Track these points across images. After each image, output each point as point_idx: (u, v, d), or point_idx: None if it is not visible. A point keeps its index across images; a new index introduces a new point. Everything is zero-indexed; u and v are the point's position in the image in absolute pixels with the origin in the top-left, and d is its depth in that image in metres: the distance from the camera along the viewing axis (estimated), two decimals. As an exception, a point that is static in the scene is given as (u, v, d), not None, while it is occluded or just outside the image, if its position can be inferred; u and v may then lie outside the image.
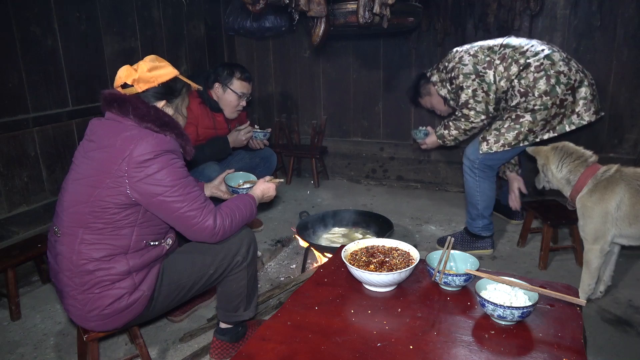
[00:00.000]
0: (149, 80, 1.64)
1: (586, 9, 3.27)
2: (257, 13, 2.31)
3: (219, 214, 1.66)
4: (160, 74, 1.66)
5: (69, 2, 2.92)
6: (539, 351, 1.18)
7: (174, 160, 1.57)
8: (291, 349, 1.21)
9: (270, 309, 2.31)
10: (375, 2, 2.28)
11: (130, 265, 1.58)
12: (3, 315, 2.41)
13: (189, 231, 1.63)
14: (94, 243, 1.55)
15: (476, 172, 2.76)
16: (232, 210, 1.73)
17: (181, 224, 1.60)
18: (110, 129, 1.58)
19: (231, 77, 2.81)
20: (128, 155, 1.49)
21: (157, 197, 1.53)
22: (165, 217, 1.60)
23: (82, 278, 1.56)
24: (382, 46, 3.98)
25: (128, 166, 1.49)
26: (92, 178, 1.54)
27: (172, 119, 1.65)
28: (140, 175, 1.50)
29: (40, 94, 2.81)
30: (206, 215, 1.61)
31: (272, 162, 3.21)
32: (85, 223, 1.54)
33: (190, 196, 1.57)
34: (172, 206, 1.55)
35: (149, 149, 1.50)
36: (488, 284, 1.40)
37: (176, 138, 1.63)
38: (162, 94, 1.68)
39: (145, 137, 1.52)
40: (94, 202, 1.52)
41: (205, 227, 1.61)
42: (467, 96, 2.70)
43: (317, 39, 2.38)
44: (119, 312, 1.59)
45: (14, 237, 2.70)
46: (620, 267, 2.62)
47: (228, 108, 2.87)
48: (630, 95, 3.28)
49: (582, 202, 2.18)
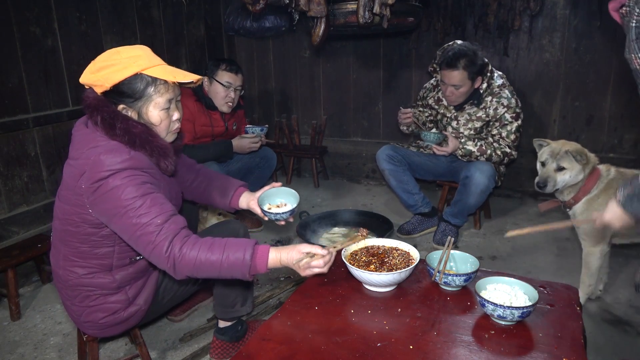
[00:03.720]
0: (97, 81, 1.39)
1: (586, 9, 3.26)
2: (257, 13, 2.31)
3: (180, 240, 1.34)
4: (108, 74, 1.38)
5: (69, 2, 2.92)
6: (539, 351, 1.18)
7: (134, 177, 1.36)
8: (291, 349, 1.21)
9: (270, 309, 2.31)
10: (375, 2, 2.28)
11: (118, 281, 1.51)
12: (3, 315, 2.41)
13: (150, 258, 1.38)
14: (74, 260, 1.48)
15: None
16: (208, 247, 1.35)
17: (140, 248, 1.37)
18: (82, 138, 1.44)
19: (216, 69, 2.86)
20: (86, 172, 1.35)
21: (113, 217, 1.36)
22: (127, 239, 1.40)
23: (73, 291, 1.52)
24: (382, 46, 3.98)
25: (85, 184, 1.36)
26: (63, 191, 1.45)
27: (146, 130, 1.43)
28: (95, 195, 1.35)
29: (40, 94, 2.81)
30: (161, 239, 1.33)
31: (271, 162, 3.22)
32: (64, 239, 1.46)
33: (146, 216, 1.33)
34: (129, 228, 1.35)
35: (104, 167, 1.33)
36: (488, 284, 1.40)
37: (147, 154, 1.42)
38: (119, 97, 1.42)
39: (107, 152, 1.35)
40: (65, 218, 1.43)
41: (159, 253, 1.33)
42: None
43: (317, 39, 2.38)
44: (115, 324, 1.57)
45: (14, 237, 2.70)
46: (620, 267, 2.62)
47: (217, 100, 2.90)
48: (630, 95, 3.27)
49: (589, 204, 2.15)
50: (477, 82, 2.79)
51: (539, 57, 3.47)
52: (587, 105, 3.42)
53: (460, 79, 2.72)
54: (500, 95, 2.81)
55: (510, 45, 3.49)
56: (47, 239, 2.57)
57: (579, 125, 3.47)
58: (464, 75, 2.71)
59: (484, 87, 2.82)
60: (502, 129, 2.82)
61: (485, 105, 2.83)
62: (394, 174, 3.00)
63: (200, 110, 2.86)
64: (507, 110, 2.79)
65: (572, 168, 2.14)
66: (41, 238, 2.61)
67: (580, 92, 3.42)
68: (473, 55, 2.71)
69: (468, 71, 2.70)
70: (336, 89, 4.29)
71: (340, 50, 4.15)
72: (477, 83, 2.80)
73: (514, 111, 2.80)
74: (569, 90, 3.45)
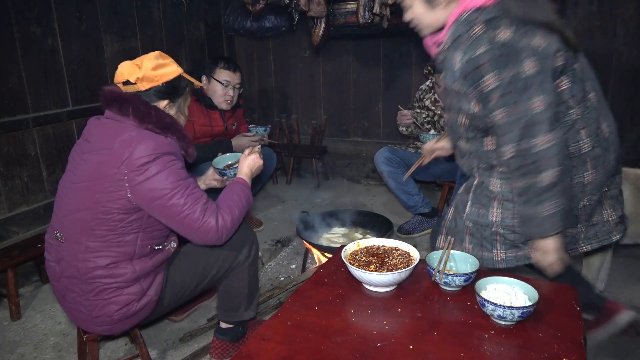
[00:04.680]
0: (153, 79, 1.58)
1: (586, 9, 3.26)
2: (257, 13, 2.31)
3: (219, 213, 1.60)
4: (164, 73, 1.60)
5: (69, 2, 2.92)
6: (539, 351, 1.18)
7: (174, 162, 1.52)
8: (291, 349, 1.21)
9: (270, 309, 2.31)
10: (375, 2, 2.28)
11: (138, 272, 1.55)
12: (3, 315, 2.41)
13: (193, 235, 1.57)
14: (98, 250, 1.51)
15: None
16: (229, 206, 1.65)
17: (184, 228, 1.55)
18: (108, 130, 1.53)
19: (215, 67, 2.86)
20: (127, 158, 1.44)
21: (158, 200, 1.48)
22: (168, 221, 1.54)
23: (89, 285, 1.53)
24: (382, 46, 3.98)
25: (127, 169, 1.45)
26: (90, 182, 1.50)
27: (174, 120, 1.60)
28: (140, 179, 1.45)
29: (40, 94, 2.81)
30: (208, 217, 1.55)
31: (271, 162, 3.22)
32: (89, 230, 1.51)
33: (191, 197, 1.52)
34: (173, 209, 1.50)
35: (148, 152, 1.45)
36: (488, 284, 1.40)
37: (177, 141, 1.58)
38: (166, 93, 1.62)
39: (144, 139, 1.47)
40: (95, 207, 1.48)
41: (209, 229, 1.55)
42: None
43: (317, 39, 2.38)
44: (127, 318, 1.58)
45: (14, 237, 2.70)
46: (620, 267, 2.62)
47: (215, 98, 2.90)
48: (630, 95, 3.27)
49: None
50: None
51: (539, 57, 3.46)
52: (587, 105, 3.42)
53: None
54: None
55: (510, 45, 3.49)
56: (45, 240, 2.56)
57: (579, 125, 3.47)
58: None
59: None
60: None
61: None
62: (392, 176, 3.00)
63: (199, 110, 2.86)
64: None
65: None
66: (41, 238, 2.60)
67: (580, 92, 3.41)
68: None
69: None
70: (336, 89, 4.29)
71: (340, 50, 4.15)
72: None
73: None
74: (569, 90, 3.44)
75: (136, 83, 1.57)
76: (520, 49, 1.32)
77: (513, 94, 1.33)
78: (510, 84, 1.33)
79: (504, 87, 1.34)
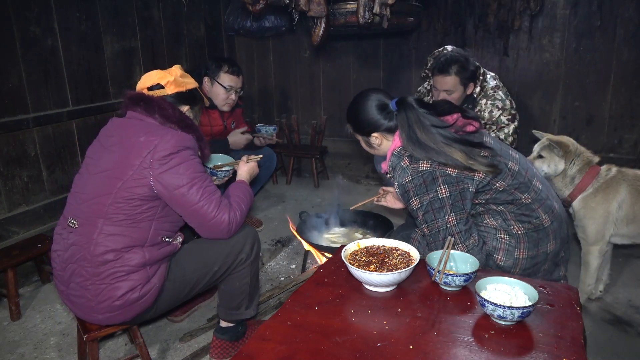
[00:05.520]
0: (181, 84, 1.80)
1: (586, 9, 3.26)
2: (257, 13, 2.31)
3: (231, 209, 1.73)
4: (188, 81, 1.85)
5: (69, 2, 2.92)
6: (539, 351, 1.18)
7: (193, 157, 1.67)
8: (291, 349, 1.21)
9: (270, 309, 2.31)
10: (375, 2, 2.28)
11: (147, 258, 1.62)
12: (3, 315, 2.41)
13: (205, 226, 1.69)
14: (113, 234, 1.59)
15: None
16: (237, 202, 1.79)
17: (197, 218, 1.66)
18: (133, 127, 1.67)
19: (219, 71, 2.85)
20: (153, 149, 1.58)
21: (178, 189, 1.60)
22: (183, 211, 1.65)
23: (98, 268, 1.57)
24: (382, 46, 3.98)
25: (152, 158, 1.58)
26: (116, 170, 1.60)
27: (194, 122, 1.77)
28: (163, 168, 1.58)
29: (40, 94, 2.81)
30: (221, 211, 1.68)
31: (272, 162, 3.22)
32: (107, 214, 1.59)
33: (207, 190, 1.65)
34: (190, 199, 1.62)
35: (172, 144, 1.60)
36: (488, 284, 1.40)
37: (196, 140, 1.73)
38: (187, 99, 1.82)
39: (168, 133, 1.63)
40: (117, 193, 1.58)
41: (221, 222, 1.68)
42: None
43: (317, 39, 2.38)
44: (129, 304, 1.60)
45: (14, 237, 2.70)
46: (620, 267, 2.62)
47: (217, 101, 2.92)
48: (630, 95, 3.27)
49: (585, 202, 2.17)
50: (469, 89, 2.77)
51: (539, 57, 3.47)
52: (587, 106, 3.42)
53: (452, 84, 2.71)
54: (494, 98, 2.79)
55: (510, 46, 3.49)
56: (47, 238, 2.57)
57: (579, 126, 3.47)
58: (456, 81, 2.70)
59: (477, 90, 2.81)
60: (500, 132, 2.80)
61: (480, 108, 2.82)
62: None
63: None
64: (502, 112, 2.78)
65: (551, 158, 2.21)
66: (41, 238, 2.61)
67: (580, 92, 3.42)
68: (465, 61, 2.69)
69: (460, 77, 2.69)
70: (336, 89, 4.29)
71: (340, 50, 4.15)
72: (469, 89, 2.78)
73: (509, 113, 2.78)
74: (569, 90, 3.45)
75: (165, 87, 1.77)
76: (436, 177, 1.64)
77: (431, 213, 1.67)
78: (429, 204, 1.67)
79: (424, 207, 1.68)
